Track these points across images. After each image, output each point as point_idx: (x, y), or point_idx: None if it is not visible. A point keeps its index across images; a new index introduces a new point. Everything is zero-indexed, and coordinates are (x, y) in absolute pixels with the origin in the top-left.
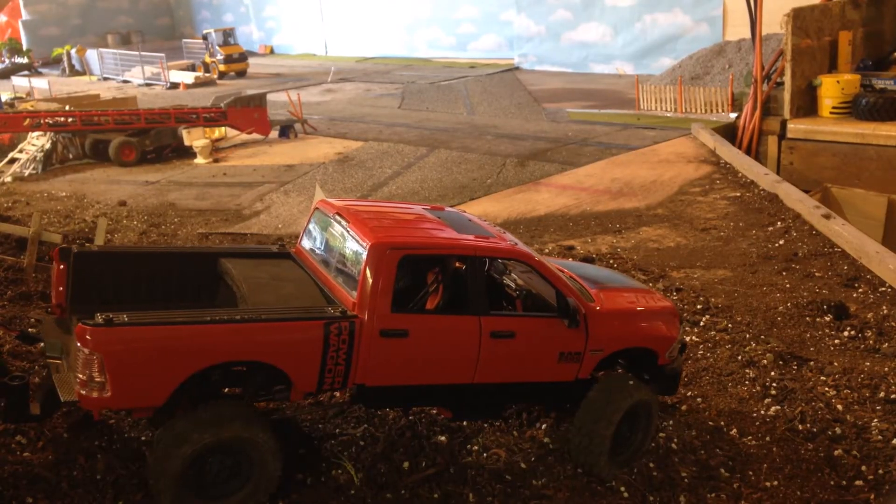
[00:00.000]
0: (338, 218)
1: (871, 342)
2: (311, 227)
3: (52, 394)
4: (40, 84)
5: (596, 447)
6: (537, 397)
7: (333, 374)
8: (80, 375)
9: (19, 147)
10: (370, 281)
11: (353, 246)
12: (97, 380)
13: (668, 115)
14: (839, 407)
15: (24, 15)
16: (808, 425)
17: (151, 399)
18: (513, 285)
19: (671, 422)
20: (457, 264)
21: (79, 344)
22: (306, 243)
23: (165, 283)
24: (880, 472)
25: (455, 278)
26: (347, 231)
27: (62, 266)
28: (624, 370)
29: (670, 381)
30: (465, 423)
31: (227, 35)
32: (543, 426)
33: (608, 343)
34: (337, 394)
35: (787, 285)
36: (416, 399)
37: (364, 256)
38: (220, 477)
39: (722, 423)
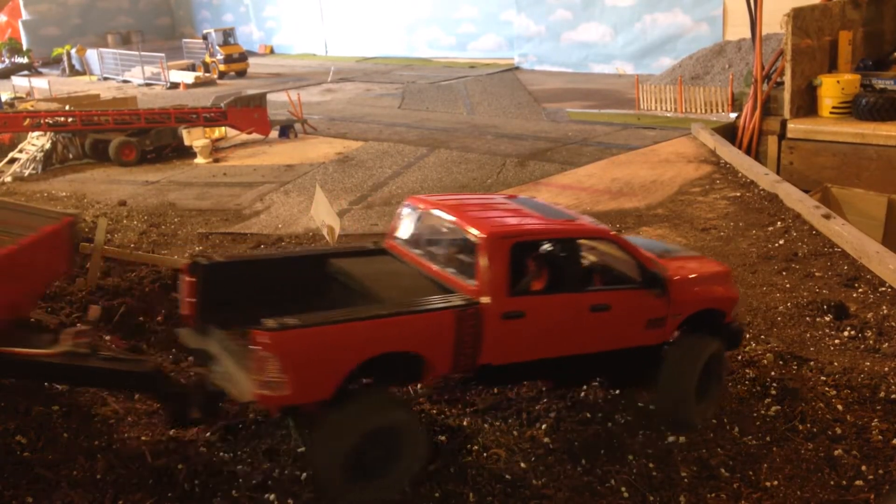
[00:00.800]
0: (438, 213)
1: (871, 342)
2: (402, 222)
3: (211, 397)
4: (40, 84)
5: (685, 400)
6: (627, 363)
7: (465, 356)
8: (258, 376)
9: (19, 147)
10: (489, 269)
11: (465, 237)
12: (274, 379)
13: (668, 115)
14: (839, 407)
15: (24, 15)
16: (809, 425)
17: (321, 393)
18: (599, 262)
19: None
20: (556, 246)
21: (256, 347)
22: (400, 238)
23: (279, 285)
24: (880, 472)
25: (556, 259)
26: (455, 224)
27: (192, 279)
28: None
29: (736, 337)
30: (465, 422)
31: (227, 35)
32: (543, 426)
33: (686, 307)
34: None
35: (787, 285)
36: (528, 374)
37: (479, 247)
38: (377, 459)
39: (724, 421)
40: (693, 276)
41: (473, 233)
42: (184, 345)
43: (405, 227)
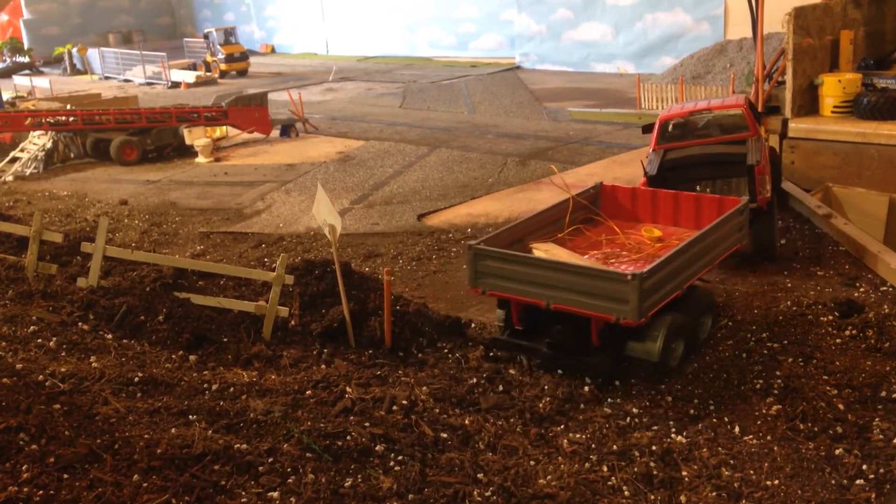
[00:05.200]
0: None
1: (872, 341)
2: None
3: None
4: (42, 83)
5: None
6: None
7: None
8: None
9: (21, 146)
10: None
11: None
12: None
13: None
14: (840, 406)
15: (26, 14)
16: (810, 424)
17: None
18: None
19: (671, 421)
20: None
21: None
22: None
23: None
24: (881, 471)
25: None
26: None
27: None
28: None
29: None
30: (467, 421)
31: (229, 34)
32: (545, 425)
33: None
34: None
35: (789, 284)
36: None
37: None
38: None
39: (724, 420)
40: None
41: None
42: None
43: None
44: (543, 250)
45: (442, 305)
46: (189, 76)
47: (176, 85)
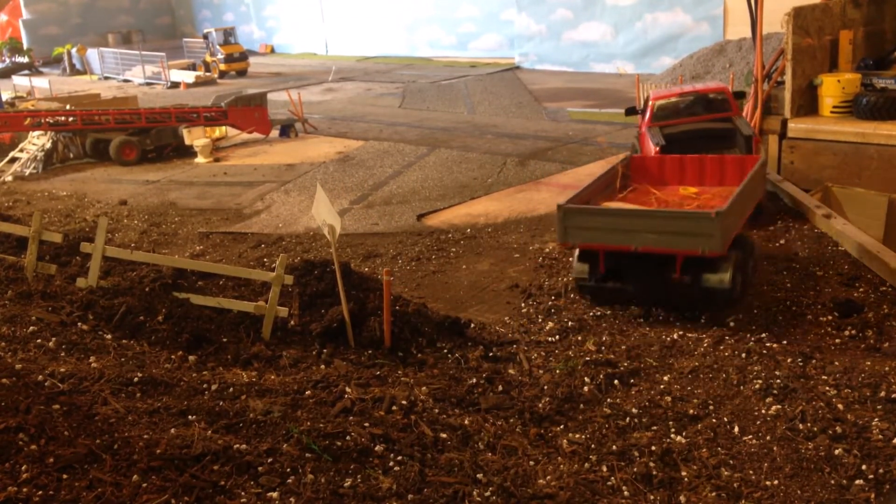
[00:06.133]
0: None
1: (871, 341)
2: None
3: None
4: (41, 83)
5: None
6: None
7: None
8: None
9: (20, 146)
10: None
11: None
12: None
13: None
14: (840, 406)
15: (25, 14)
16: (809, 424)
17: None
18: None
19: (671, 421)
20: None
21: None
22: None
23: None
24: (881, 471)
25: None
26: None
27: None
28: None
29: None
30: (467, 421)
31: (228, 34)
32: (545, 425)
33: None
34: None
35: (788, 285)
36: None
37: None
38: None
39: (724, 420)
40: None
41: None
42: None
43: None
44: (616, 206)
45: (441, 305)
46: (188, 76)
47: (175, 85)
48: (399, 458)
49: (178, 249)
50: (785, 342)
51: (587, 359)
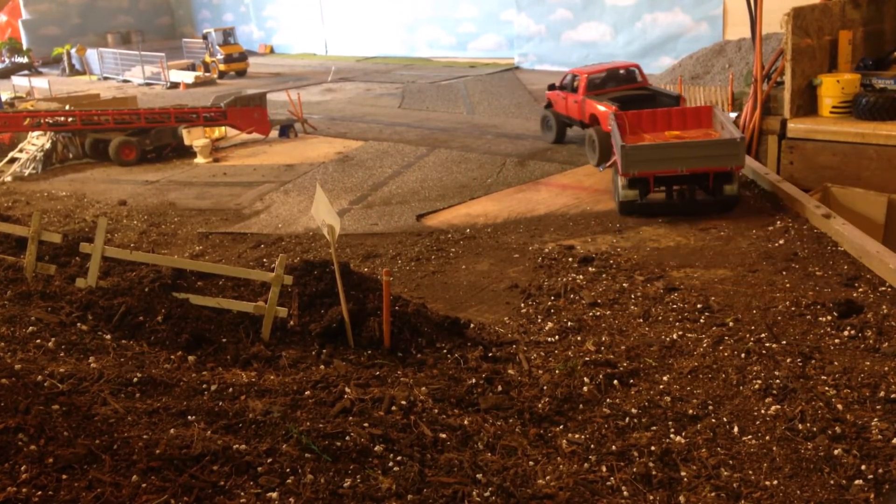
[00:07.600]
0: None
1: (871, 342)
2: None
3: None
4: (40, 83)
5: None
6: None
7: None
8: None
9: (19, 147)
10: None
11: None
12: None
13: None
14: (839, 406)
15: (24, 14)
16: (809, 424)
17: None
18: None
19: (670, 422)
20: None
21: None
22: None
23: None
24: (880, 471)
25: None
26: None
27: None
28: None
29: None
30: (466, 421)
31: (227, 34)
32: (544, 425)
33: None
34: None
35: (787, 285)
36: None
37: None
38: None
39: (723, 420)
40: None
41: None
42: None
43: None
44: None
45: (441, 306)
46: (188, 76)
47: (175, 85)
48: (398, 458)
49: (178, 250)
50: (784, 342)
51: (587, 359)
